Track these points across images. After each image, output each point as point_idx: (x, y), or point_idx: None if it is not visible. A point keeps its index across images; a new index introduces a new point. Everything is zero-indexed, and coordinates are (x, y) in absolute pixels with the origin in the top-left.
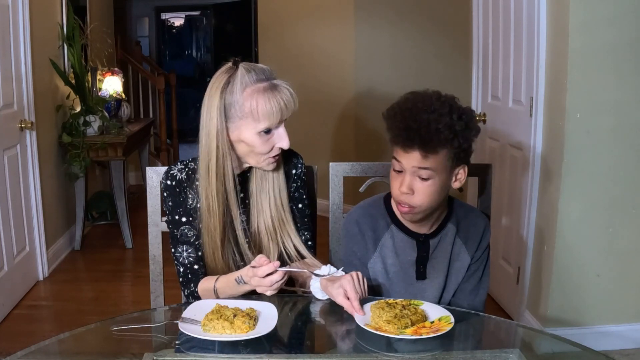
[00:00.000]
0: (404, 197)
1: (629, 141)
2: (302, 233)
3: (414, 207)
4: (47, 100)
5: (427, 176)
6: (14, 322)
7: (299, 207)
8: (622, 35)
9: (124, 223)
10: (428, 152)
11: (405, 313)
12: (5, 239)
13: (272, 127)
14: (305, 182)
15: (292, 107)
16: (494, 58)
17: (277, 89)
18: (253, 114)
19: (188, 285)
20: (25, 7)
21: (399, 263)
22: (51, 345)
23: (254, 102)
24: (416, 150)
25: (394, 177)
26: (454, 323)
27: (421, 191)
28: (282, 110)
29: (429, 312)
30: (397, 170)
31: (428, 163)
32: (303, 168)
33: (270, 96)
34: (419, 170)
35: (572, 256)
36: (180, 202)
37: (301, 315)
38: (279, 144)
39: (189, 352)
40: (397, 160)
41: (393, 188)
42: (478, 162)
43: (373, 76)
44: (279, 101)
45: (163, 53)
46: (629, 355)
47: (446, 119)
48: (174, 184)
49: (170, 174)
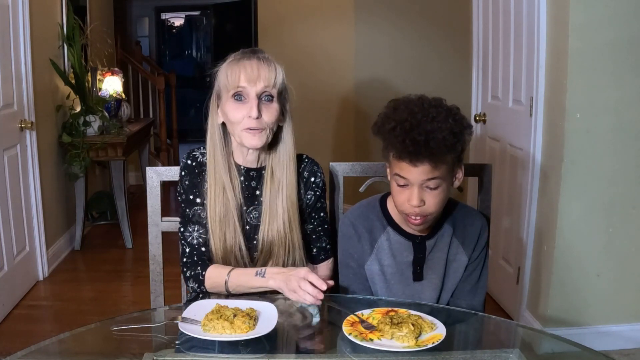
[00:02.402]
0: (417, 210)
1: (629, 141)
2: (323, 240)
3: (426, 217)
4: (47, 100)
5: (435, 185)
6: (14, 322)
7: (320, 216)
8: (622, 35)
9: (124, 223)
10: (437, 162)
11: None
12: (5, 239)
13: (243, 93)
14: (325, 191)
15: (268, 76)
16: (494, 58)
17: (250, 57)
18: (227, 81)
19: (193, 267)
20: (25, 7)
21: (395, 264)
22: (51, 345)
23: (227, 70)
24: (426, 163)
25: (398, 192)
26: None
27: (431, 200)
28: (250, 73)
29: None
30: (402, 185)
31: (437, 173)
32: (323, 177)
33: (241, 62)
34: (427, 181)
35: (572, 256)
36: (197, 182)
37: (301, 316)
38: (249, 112)
39: (189, 352)
40: (402, 177)
41: (401, 203)
42: (478, 162)
43: (373, 76)
44: (249, 65)
45: (163, 53)
46: (629, 355)
47: (447, 124)
48: (194, 165)
49: (192, 154)
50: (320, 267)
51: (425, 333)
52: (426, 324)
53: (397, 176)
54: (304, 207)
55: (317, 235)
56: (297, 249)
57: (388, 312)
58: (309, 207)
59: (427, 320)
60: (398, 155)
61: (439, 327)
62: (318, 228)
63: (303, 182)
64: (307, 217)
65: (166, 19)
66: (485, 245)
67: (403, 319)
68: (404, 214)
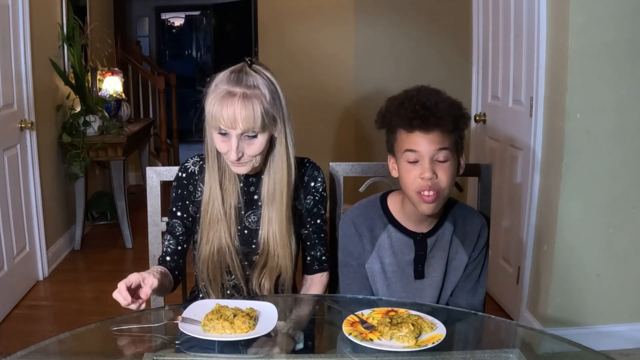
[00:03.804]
0: (430, 182)
1: (629, 141)
2: (318, 249)
3: (439, 192)
4: (47, 100)
5: (445, 158)
6: (14, 322)
7: (317, 223)
8: (622, 35)
9: (124, 223)
10: (446, 130)
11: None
12: (5, 239)
13: (227, 131)
14: (326, 199)
15: (246, 119)
16: (494, 58)
17: (235, 100)
18: (211, 116)
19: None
20: (25, 7)
21: (396, 263)
22: (51, 345)
23: (210, 102)
24: (436, 131)
25: (409, 170)
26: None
27: (442, 174)
28: (227, 119)
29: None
30: (413, 161)
31: (446, 143)
32: (323, 183)
33: (222, 101)
34: (438, 152)
35: (572, 256)
36: (185, 195)
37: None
38: (228, 153)
39: (189, 352)
40: (413, 151)
41: (412, 180)
42: (478, 162)
43: (373, 76)
44: (226, 108)
45: (163, 53)
46: (629, 355)
47: (451, 99)
48: (184, 176)
49: (184, 166)
50: (313, 279)
51: (425, 333)
52: (426, 324)
53: (407, 152)
54: (303, 211)
55: (312, 242)
56: (292, 253)
57: (388, 312)
58: (307, 211)
59: (427, 320)
60: (409, 125)
61: (439, 327)
62: (313, 235)
63: (303, 186)
64: (303, 222)
65: (166, 19)
66: (485, 244)
67: (403, 319)
68: (415, 195)
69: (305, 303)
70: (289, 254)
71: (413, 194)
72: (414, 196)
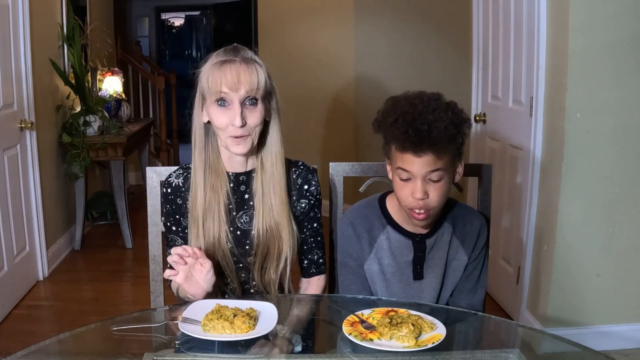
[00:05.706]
0: (421, 202)
1: (629, 141)
2: (316, 252)
3: (430, 211)
4: (47, 100)
5: (438, 178)
6: (14, 322)
7: (313, 226)
8: (622, 35)
9: (124, 223)
10: (440, 153)
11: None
12: (5, 239)
13: (227, 99)
14: (321, 201)
15: (250, 80)
16: (494, 58)
17: (231, 60)
18: (209, 85)
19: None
20: (25, 7)
21: (395, 264)
22: (51, 345)
23: (208, 71)
24: (429, 154)
25: (401, 187)
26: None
27: (434, 193)
28: (231, 80)
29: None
30: (405, 179)
31: (439, 164)
32: (318, 187)
33: (222, 66)
34: (430, 173)
35: (572, 256)
36: (174, 210)
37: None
38: (233, 120)
39: (189, 352)
40: (405, 170)
41: (404, 197)
42: (478, 162)
43: (373, 76)
44: (229, 70)
45: (163, 53)
46: (629, 355)
47: (447, 115)
48: (169, 192)
49: (167, 181)
50: (310, 282)
51: (425, 333)
52: (426, 324)
53: (400, 170)
54: (297, 215)
55: (309, 246)
56: (289, 247)
57: (388, 312)
58: (302, 215)
59: (427, 320)
60: (401, 147)
61: (439, 327)
62: (310, 239)
63: (296, 189)
64: (299, 226)
65: (166, 19)
66: (484, 244)
67: (403, 319)
68: (407, 209)
69: (305, 303)
70: (290, 232)
71: (405, 209)
72: (406, 210)
